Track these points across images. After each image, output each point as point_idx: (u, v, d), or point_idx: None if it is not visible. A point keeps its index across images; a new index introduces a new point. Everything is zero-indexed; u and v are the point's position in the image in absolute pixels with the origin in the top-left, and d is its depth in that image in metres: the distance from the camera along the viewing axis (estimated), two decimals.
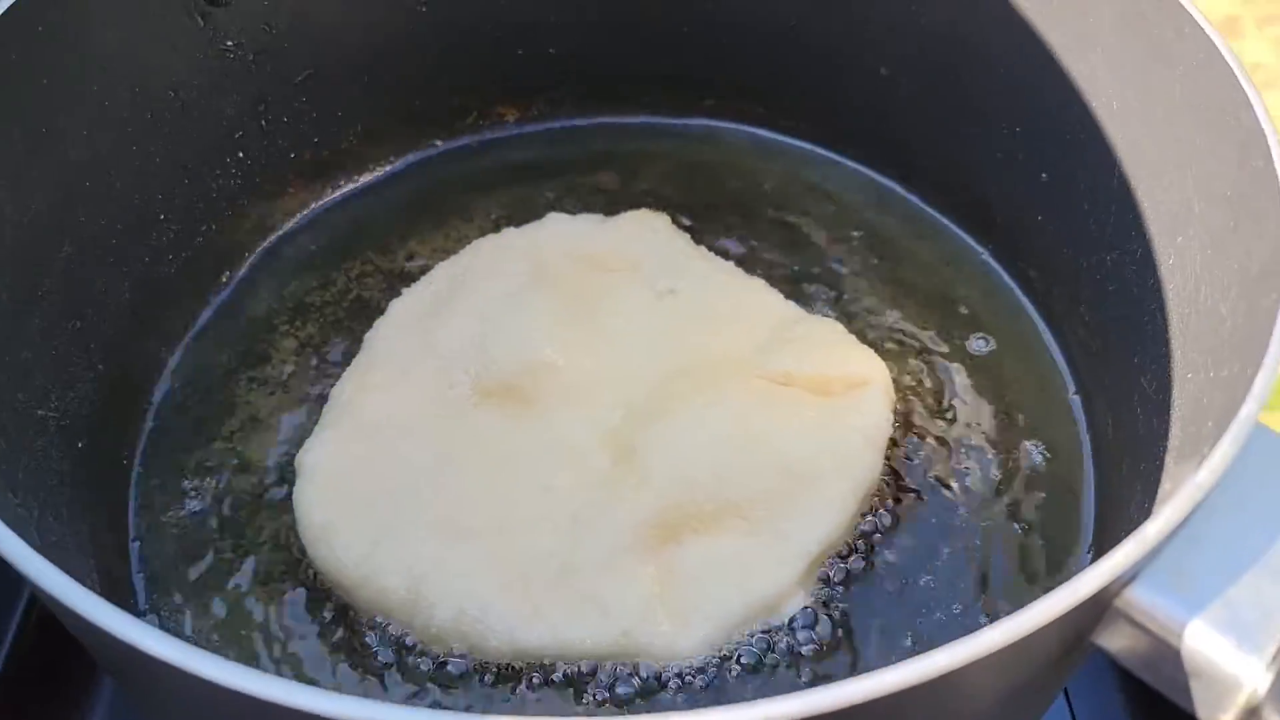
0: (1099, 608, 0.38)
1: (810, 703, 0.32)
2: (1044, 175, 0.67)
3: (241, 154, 0.71)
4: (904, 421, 0.67)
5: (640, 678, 0.56)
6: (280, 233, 0.76)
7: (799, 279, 0.74)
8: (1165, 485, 0.44)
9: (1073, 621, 0.36)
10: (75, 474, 0.57)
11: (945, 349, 0.70)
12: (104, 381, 0.62)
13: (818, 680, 0.56)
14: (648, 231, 0.72)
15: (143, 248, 0.65)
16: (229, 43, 0.66)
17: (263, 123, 0.71)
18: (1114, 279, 0.61)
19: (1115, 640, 0.39)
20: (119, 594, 0.57)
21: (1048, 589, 0.38)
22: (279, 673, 0.57)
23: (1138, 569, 0.37)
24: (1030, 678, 0.41)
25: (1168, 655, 0.38)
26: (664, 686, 0.56)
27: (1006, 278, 0.73)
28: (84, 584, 0.37)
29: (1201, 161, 0.52)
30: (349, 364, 0.68)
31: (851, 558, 0.61)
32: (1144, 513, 0.51)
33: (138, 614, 0.58)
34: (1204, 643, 0.37)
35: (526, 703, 0.55)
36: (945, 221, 0.76)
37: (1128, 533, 0.37)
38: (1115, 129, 0.60)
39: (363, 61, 0.74)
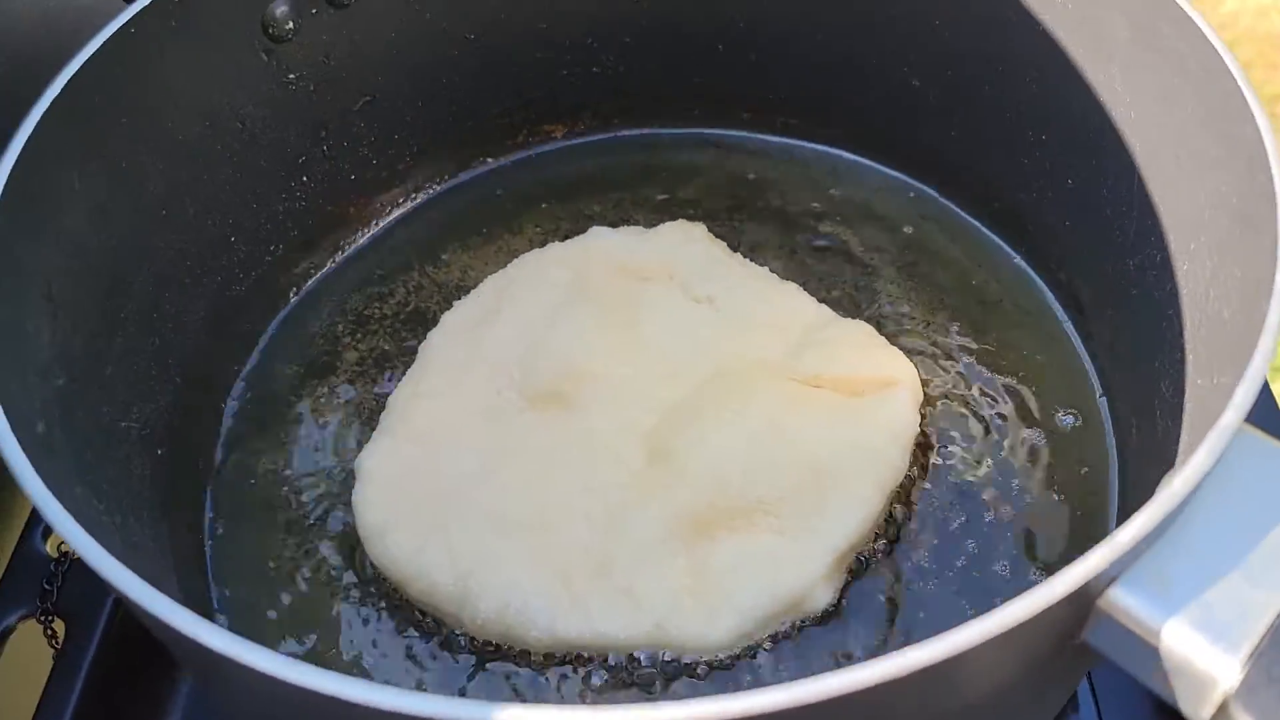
0: (1081, 608, 0.40)
1: (793, 695, 0.34)
2: (1070, 181, 0.68)
3: (305, 178, 0.76)
4: (933, 420, 0.69)
5: (675, 663, 0.60)
6: (343, 249, 0.81)
7: (834, 283, 0.77)
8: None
9: (1053, 620, 0.38)
10: (155, 480, 0.62)
11: (976, 350, 0.72)
12: (181, 393, 0.67)
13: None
14: (685, 241, 0.76)
15: (216, 269, 0.71)
16: (291, 75, 0.71)
17: (324, 148, 0.76)
18: (1137, 284, 0.62)
19: (1103, 639, 0.41)
20: (195, 593, 0.62)
21: None
22: (343, 664, 0.61)
23: (1116, 571, 0.39)
24: (1023, 675, 0.43)
25: (1149, 653, 0.40)
26: (695, 674, 0.59)
27: (1039, 281, 0.74)
28: (162, 586, 0.41)
29: (1212, 171, 0.53)
30: (406, 372, 0.72)
31: (878, 551, 0.63)
32: None
33: (211, 613, 0.63)
34: (1181, 642, 0.39)
35: (564, 687, 0.59)
36: (979, 226, 0.78)
37: None
38: (1133, 138, 0.61)
39: (416, 87, 0.78)
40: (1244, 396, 0.41)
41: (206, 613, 0.63)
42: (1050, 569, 0.62)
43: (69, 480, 0.48)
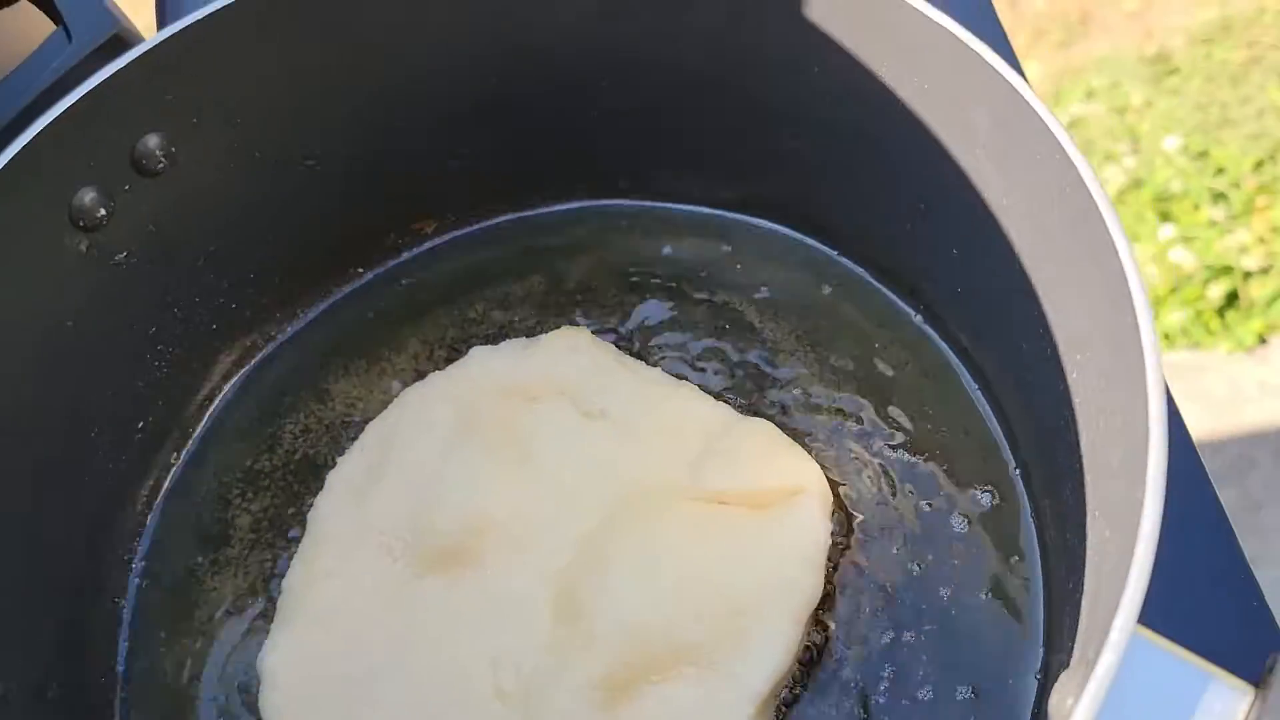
0: None
1: None
2: (955, 251, 0.64)
3: (160, 346, 0.71)
4: (848, 513, 0.66)
5: None
6: (220, 400, 0.77)
7: (736, 365, 0.73)
8: (1054, 698, 0.43)
9: None
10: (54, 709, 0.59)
11: (884, 426, 0.69)
12: (64, 615, 0.64)
13: None
14: (571, 351, 0.72)
15: (80, 471, 0.67)
16: (119, 257, 0.66)
17: (175, 311, 0.71)
18: (1031, 370, 0.59)
19: None
20: None
21: None
22: None
23: None
24: None
25: None
26: None
27: (941, 343, 0.71)
28: None
29: (1087, 288, 0.50)
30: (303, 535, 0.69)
31: (798, 683, 0.62)
32: (1071, 635, 0.51)
33: None
34: None
35: None
36: (877, 286, 0.74)
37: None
38: (1009, 224, 0.57)
39: (260, 225, 0.73)
40: (1122, 629, 0.38)
41: None
42: (975, 687, 0.60)
43: None
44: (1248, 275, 1.94)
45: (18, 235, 0.60)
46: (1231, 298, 1.93)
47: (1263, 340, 1.93)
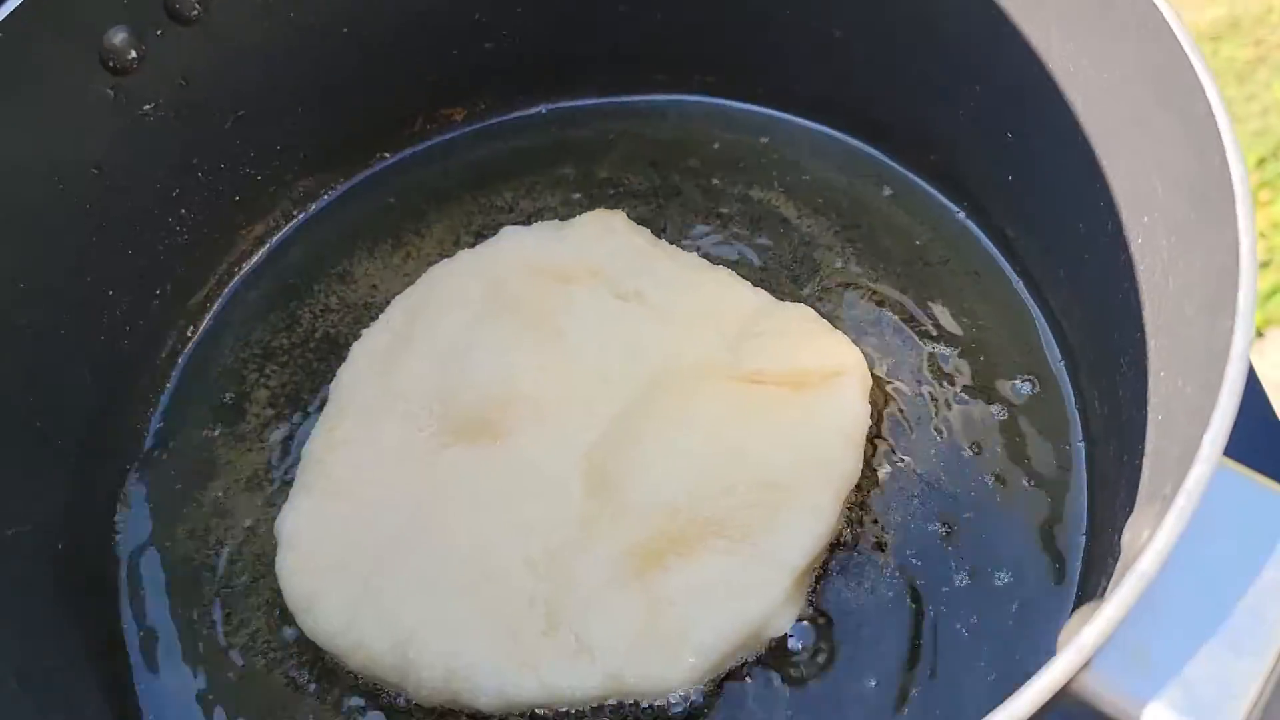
0: (1055, 699, 0.36)
1: None
2: (1009, 134, 0.63)
3: (183, 210, 0.69)
4: (884, 403, 0.65)
5: (640, 709, 0.57)
6: (240, 276, 0.75)
7: (770, 256, 0.72)
8: (1127, 535, 0.42)
9: (1041, 715, 0.35)
10: (61, 576, 0.57)
11: (924, 318, 0.67)
12: (81, 466, 0.62)
13: (814, 697, 0.56)
14: (605, 233, 0.70)
15: (97, 330, 0.65)
16: (146, 107, 0.64)
17: (199, 175, 0.69)
18: (1088, 249, 0.58)
19: None
20: (119, 682, 0.58)
21: None
22: None
23: (1086, 659, 0.36)
24: None
25: None
26: (667, 713, 0.56)
27: (984, 238, 0.69)
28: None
29: (1160, 141, 0.48)
30: (322, 408, 0.67)
31: (832, 568, 0.60)
32: (1129, 501, 0.50)
33: (136, 706, 0.59)
34: None
35: None
36: (919, 181, 0.72)
37: (1114, 528, 0.35)
38: (1074, 94, 0.55)
39: (292, 93, 0.71)
40: (1213, 441, 0.36)
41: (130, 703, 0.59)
42: (1015, 572, 0.58)
43: None
44: None
45: (48, 70, 0.58)
46: None
47: (1260, 333, 1.93)
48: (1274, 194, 2.01)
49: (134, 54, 0.61)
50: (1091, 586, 0.51)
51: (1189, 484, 0.36)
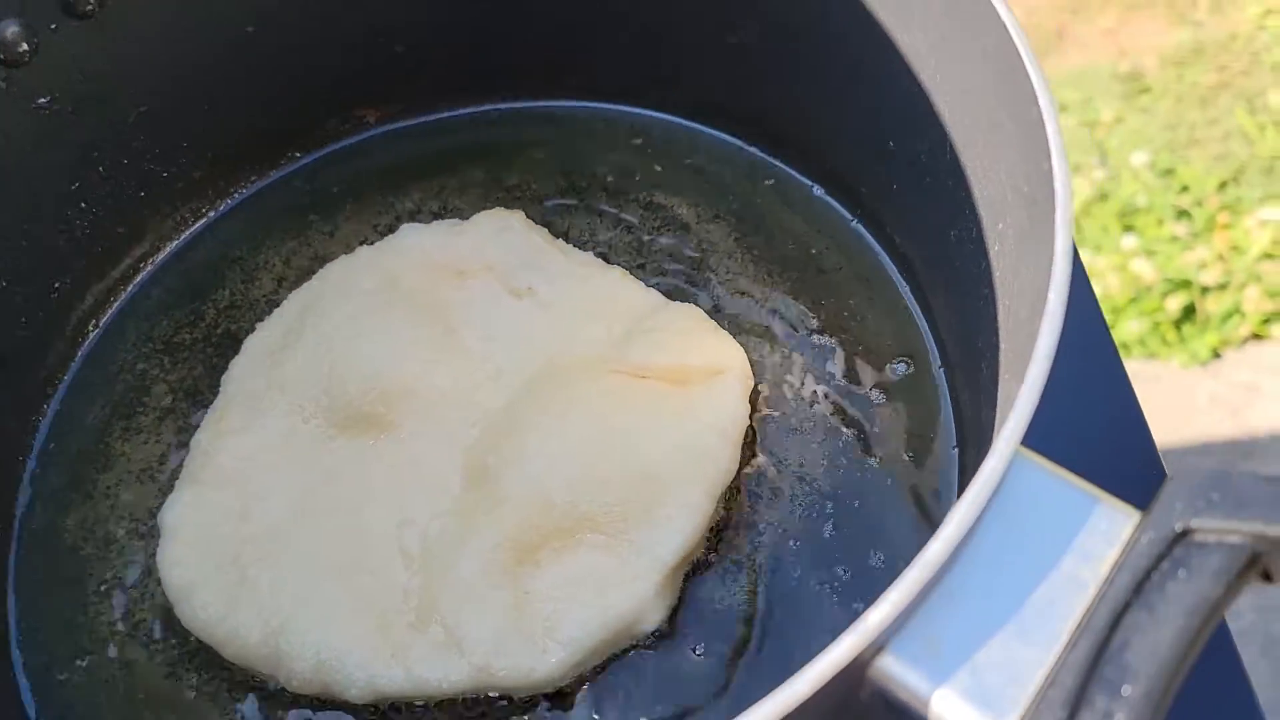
0: (853, 678, 0.37)
1: None
2: (890, 144, 0.64)
3: (83, 204, 0.70)
4: (766, 404, 0.66)
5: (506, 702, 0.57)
6: (145, 272, 0.75)
7: (667, 261, 0.73)
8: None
9: (829, 694, 0.36)
10: None
11: (813, 322, 0.69)
12: None
13: (688, 700, 0.57)
14: (502, 230, 0.71)
15: None
16: (41, 100, 0.64)
17: (100, 169, 0.70)
18: (957, 255, 0.59)
19: (877, 707, 0.38)
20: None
21: None
22: None
23: (885, 638, 0.37)
24: None
25: None
26: (532, 709, 0.57)
27: (876, 246, 0.70)
28: None
29: (1010, 150, 0.50)
30: None
31: (709, 560, 0.61)
32: None
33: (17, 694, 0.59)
34: (950, 712, 0.36)
35: None
36: (815, 190, 0.73)
37: None
38: (942, 103, 0.57)
39: (199, 90, 0.72)
40: (1015, 426, 0.37)
41: (10, 694, 0.59)
42: (889, 562, 0.59)
43: None
44: (1205, 290, 1.96)
45: None
46: (1189, 311, 1.95)
47: (1216, 354, 1.95)
48: (1234, 217, 2.04)
49: (25, 46, 0.62)
50: None
51: (984, 472, 0.37)
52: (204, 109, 0.73)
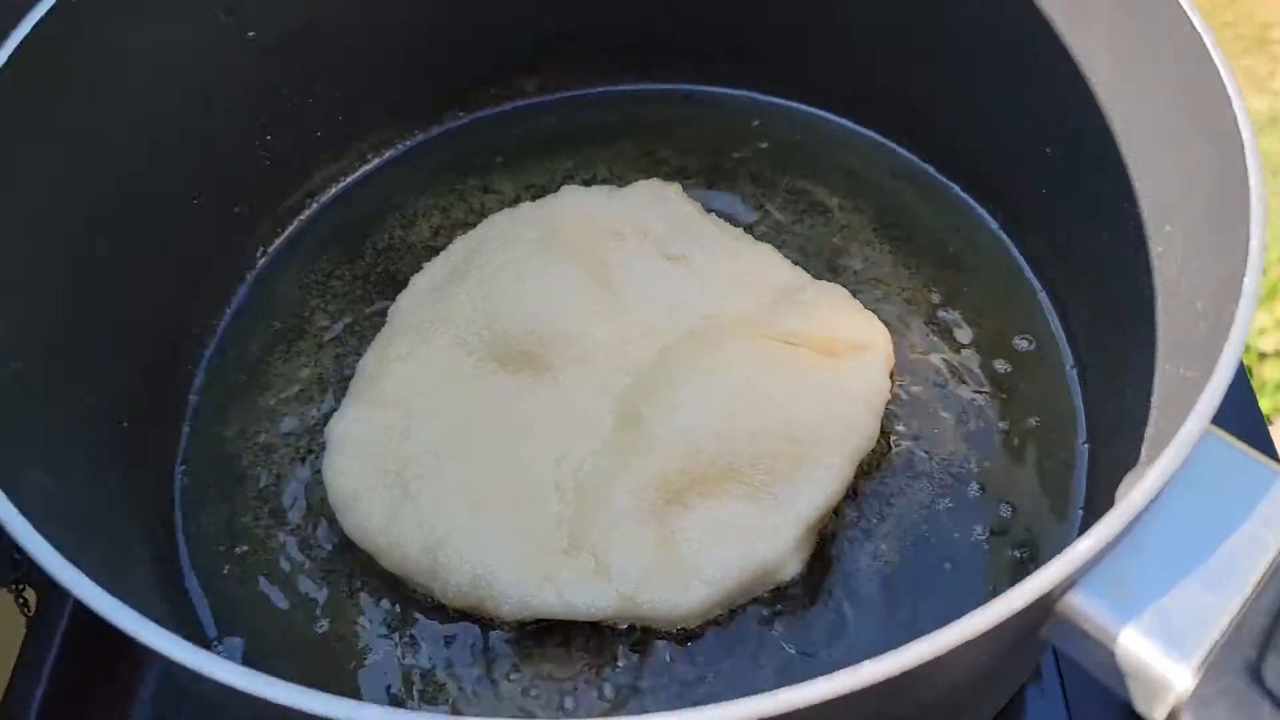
0: (1040, 612, 0.40)
1: (777, 702, 0.35)
2: (1048, 150, 0.67)
3: (269, 136, 0.74)
4: (902, 385, 0.69)
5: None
6: (309, 208, 0.79)
7: (810, 244, 0.76)
8: (1121, 489, 0.46)
9: (1013, 627, 0.39)
10: (120, 456, 0.61)
11: (947, 317, 0.72)
12: (146, 364, 0.66)
13: (807, 647, 0.60)
14: (658, 199, 0.74)
15: (179, 235, 0.69)
16: (251, 34, 0.69)
17: (288, 105, 0.74)
18: (1111, 256, 0.62)
19: (1061, 639, 0.41)
20: (165, 574, 0.62)
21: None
22: (316, 637, 0.62)
23: (1073, 580, 0.40)
24: (984, 671, 0.43)
25: (1106, 656, 0.40)
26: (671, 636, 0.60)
27: (1013, 247, 0.74)
28: (128, 569, 0.41)
29: (1188, 152, 0.53)
30: (375, 336, 0.71)
31: (842, 521, 0.64)
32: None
33: (182, 591, 0.63)
34: (1136, 647, 0.39)
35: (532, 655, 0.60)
36: (957, 190, 0.77)
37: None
38: (1113, 107, 0.60)
39: (384, 42, 0.76)
40: (1208, 403, 0.40)
41: (178, 593, 0.63)
42: (1018, 542, 0.62)
43: (29, 466, 0.48)
44: (1263, 356, 1.98)
45: None
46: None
47: (1269, 420, 1.96)
48: None
49: None
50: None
51: (1180, 437, 0.40)
52: (386, 61, 0.77)
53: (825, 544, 0.64)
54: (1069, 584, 0.40)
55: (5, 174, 0.54)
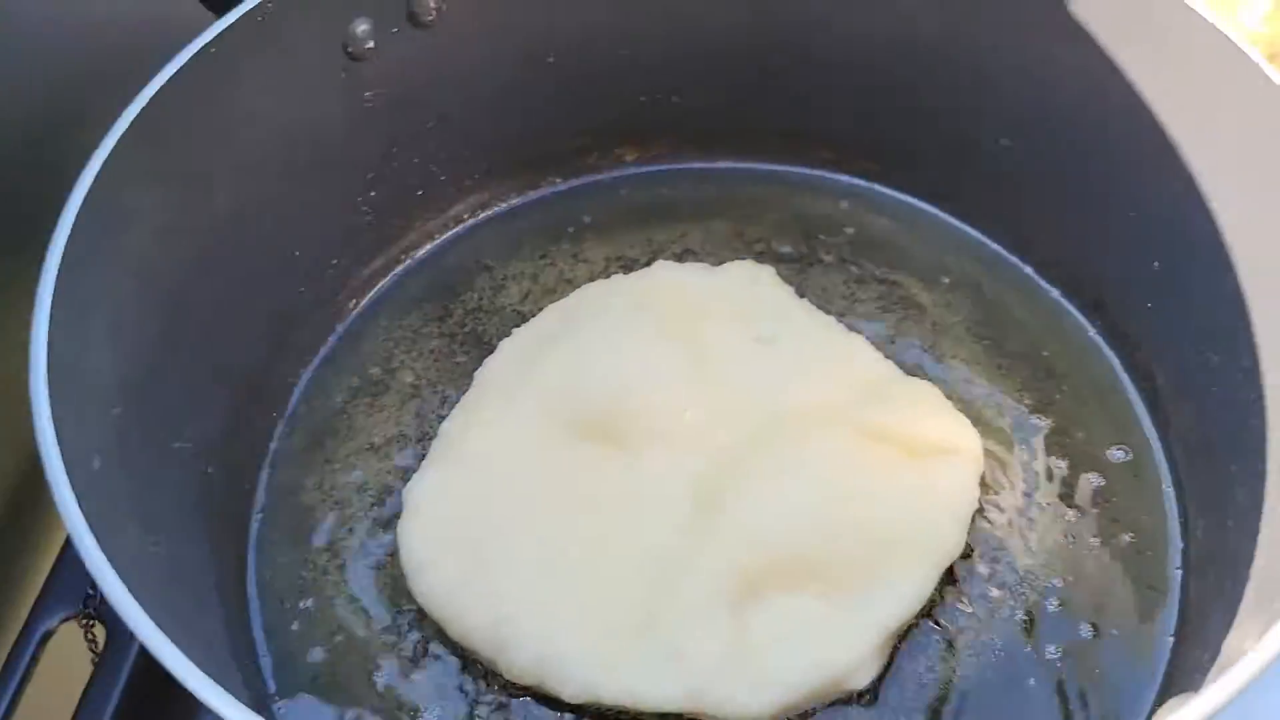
0: None
1: None
2: (1156, 264, 0.66)
3: (373, 192, 0.75)
4: (987, 491, 0.67)
5: None
6: (405, 265, 0.80)
7: (900, 338, 0.75)
8: (1231, 639, 0.44)
9: None
10: (202, 501, 0.62)
11: (1039, 425, 0.70)
12: (235, 408, 0.67)
13: None
14: (751, 282, 0.74)
15: (278, 282, 0.70)
16: (367, 94, 0.70)
17: (394, 164, 0.75)
18: (1219, 381, 0.60)
19: None
20: (236, 620, 0.62)
21: None
22: (375, 692, 0.61)
23: None
24: None
25: None
26: None
27: (1112, 357, 0.72)
28: (203, 614, 0.40)
29: None
30: (458, 397, 0.72)
31: (920, 628, 0.62)
32: (1223, 624, 0.51)
33: (251, 640, 0.63)
34: None
35: None
36: (1055, 294, 0.75)
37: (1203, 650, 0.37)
38: (1232, 232, 0.58)
39: (490, 107, 0.77)
40: None
41: (243, 644, 0.63)
42: (1101, 643, 0.60)
43: (120, 518, 0.48)
44: None
45: (297, 43, 0.64)
46: None
47: None
48: None
49: (371, 44, 0.67)
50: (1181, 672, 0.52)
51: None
52: (491, 125, 0.78)
53: (895, 647, 0.62)
54: None
55: (122, 219, 0.56)
